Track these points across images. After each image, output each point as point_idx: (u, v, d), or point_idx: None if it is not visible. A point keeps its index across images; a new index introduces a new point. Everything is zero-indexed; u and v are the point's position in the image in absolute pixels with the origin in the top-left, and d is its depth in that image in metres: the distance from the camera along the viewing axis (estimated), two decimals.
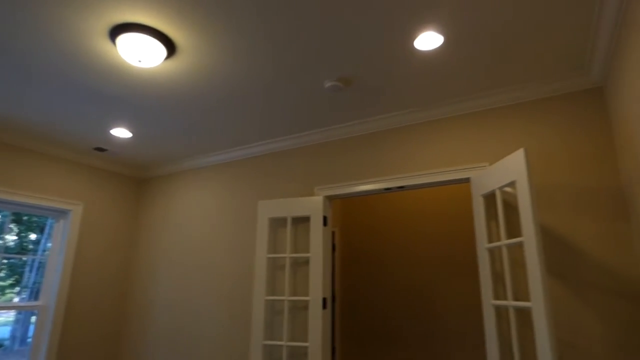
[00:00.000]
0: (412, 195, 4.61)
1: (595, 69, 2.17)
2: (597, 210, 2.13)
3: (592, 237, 2.12)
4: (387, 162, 2.83)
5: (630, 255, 2.01)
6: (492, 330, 2.12)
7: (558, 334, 2.09)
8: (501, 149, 2.46)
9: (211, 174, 3.72)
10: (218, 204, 3.58)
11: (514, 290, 2.19)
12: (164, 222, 3.90)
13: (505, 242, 2.04)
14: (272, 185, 3.32)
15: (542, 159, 2.33)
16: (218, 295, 3.32)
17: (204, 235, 3.57)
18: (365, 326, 4.52)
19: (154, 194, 4.10)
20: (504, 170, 2.08)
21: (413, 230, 4.51)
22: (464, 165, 2.54)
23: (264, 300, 2.85)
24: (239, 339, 3.11)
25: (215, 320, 3.28)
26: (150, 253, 3.89)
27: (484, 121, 2.55)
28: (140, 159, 3.87)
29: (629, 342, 1.94)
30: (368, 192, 2.86)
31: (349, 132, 3.03)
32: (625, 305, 1.98)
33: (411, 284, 4.37)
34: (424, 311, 4.24)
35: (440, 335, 4.11)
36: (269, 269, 3.06)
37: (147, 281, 3.82)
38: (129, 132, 3.19)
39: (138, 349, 3.66)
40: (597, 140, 2.21)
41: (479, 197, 2.33)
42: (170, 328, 3.51)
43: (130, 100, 2.65)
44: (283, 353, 2.73)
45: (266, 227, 2.99)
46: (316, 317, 2.68)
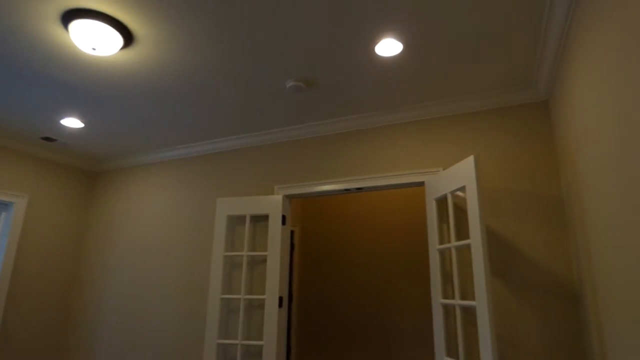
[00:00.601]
0: (370, 196, 4.72)
1: (541, 84, 2.33)
2: (539, 217, 2.28)
3: (532, 241, 2.26)
4: (346, 164, 2.88)
5: (565, 259, 2.18)
6: (440, 328, 2.22)
7: (498, 330, 2.22)
8: (455, 155, 2.58)
9: (169, 169, 3.62)
10: (175, 200, 3.49)
11: (461, 290, 2.30)
12: (117, 217, 3.75)
13: (454, 244, 2.15)
14: (232, 183, 3.28)
15: (491, 166, 2.46)
16: (173, 293, 3.24)
17: (159, 232, 3.47)
18: (322, 325, 4.57)
19: (107, 189, 3.93)
20: (455, 176, 2.18)
21: (371, 231, 4.61)
22: (419, 169, 2.64)
23: (220, 298, 2.82)
24: (194, 338, 3.05)
25: (169, 319, 3.20)
26: (102, 249, 3.73)
27: (439, 128, 2.66)
28: (93, 151, 3.71)
29: (561, 337, 2.10)
30: (327, 192, 2.90)
31: (309, 132, 3.05)
32: (559, 304, 2.14)
33: (368, 284, 4.47)
34: (379, 310, 4.35)
35: (394, 332, 4.23)
36: (225, 267, 3.03)
37: (97, 278, 3.66)
38: (80, 123, 3.04)
39: (86, 345, 3.50)
40: (542, 151, 2.37)
41: (432, 201, 2.43)
42: (121, 325, 3.39)
43: (83, 89, 2.53)
44: (237, 352, 2.72)
45: (224, 224, 2.95)
46: (272, 316, 2.69)
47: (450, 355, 2.24)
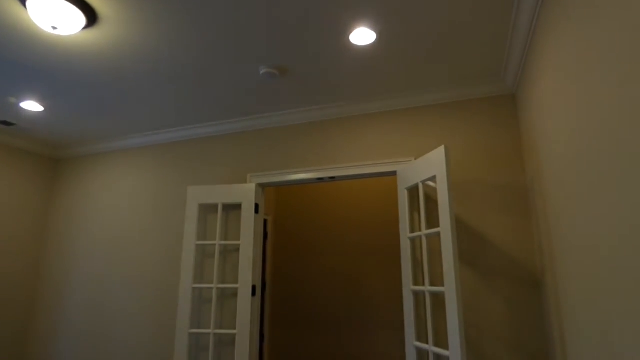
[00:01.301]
0: (343, 186, 4.75)
1: (509, 77, 2.39)
2: (505, 206, 2.37)
3: (499, 230, 2.35)
4: (319, 153, 2.88)
5: (529, 247, 2.28)
6: (410, 313, 2.29)
7: (465, 315, 2.31)
8: (426, 145, 2.62)
9: (137, 156, 3.50)
10: (144, 188, 3.39)
11: (430, 277, 2.37)
12: (83, 206, 3.61)
13: (425, 232, 2.20)
14: (203, 171, 3.21)
15: (461, 157, 2.53)
16: (142, 282, 3.17)
17: (127, 221, 3.37)
18: (295, 313, 4.61)
19: (72, 176, 3.76)
20: (426, 165, 2.22)
21: (344, 220, 4.65)
22: (391, 159, 2.67)
23: (192, 288, 2.78)
24: (165, 328, 3.01)
25: (138, 307, 3.13)
26: (68, 238, 3.59)
27: (411, 118, 2.70)
28: (55, 137, 3.53)
29: (524, 319, 2.20)
30: (301, 181, 2.89)
31: (283, 121, 3.02)
32: (523, 289, 2.24)
33: (341, 272, 4.52)
34: (352, 297, 4.42)
35: (366, 319, 4.32)
36: (197, 256, 2.98)
37: (63, 265, 3.53)
38: (40, 106, 2.88)
39: (52, 326, 3.38)
40: (509, 142, 2.45)
41: (404, 190, 2.47)
42: (89, 315, 3.29)
43: (42, 70, 2.40)
44: (210, 341, 2.70)
45: (196, 213, 2.90)
46: (245, 305, 2.68)
47: (420, 340, 2.32)
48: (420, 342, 2.28)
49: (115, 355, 3.11)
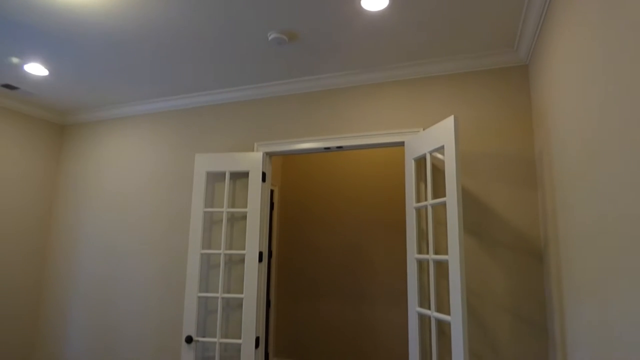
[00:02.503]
0: (349, 157, 4.76)
1: (522, 47, 2.34)
2: (512, 178, 2.38)
3: (504, 201, 2.38)
4: (327, 122, 2.87)
5: (534, 218, 2.31)
6: (414, 280, 2.35)
7: (468, 284, 2.37)
8: (435, 116, 2.61)
9: (145, 123, 3.50)
10: (151, 156, 3.40)
11: (435, 246, 2.42)
12: (90, 172, 3.64)
13: (430, 202, 2.22)
14: (211, 139, 3.22)
15: (470, 128, 2.52)
16: (151, 248, 3.24)
17: (135, 188, 3.41)
18: (300, 281, 4.73)
19: (78, 143, 3.77)
20: (435, 136, 2.22)
21: (350, 191, 4.69)
22: (399, 129, 2.66)
23: (200, 253, 2.84)
24: (174, 293, 3.10)
25: (148, 271, 3.22)
26: (75, 205, 3.64)
27: (421, 88, 2.67)
28: (61, 102, 3.51)
29: (525, 289, 2.26)
30: (308, 150, 2.90)
31: (291, 89, 3.00)
32: (526, 259, 2.29)
33: (346, 241, 4.60)
34: (356, 266, 4.52)
35: (370, 287, 4.43)
36: (205, 222, 3.03)
37: (69, 237, 3.60)
38: (44, 70, 2.85)
39: (63, 297, 3.50)
40: (519, 114, 2.43)
41: (411, 161, 2.48)
42: (98, 277, 3.39)
43: (46, 31, 2.36)
44: (218, 304, 2.79)
45: (203, 180, 2.93)
46: (252, 270, 2.75)
47: (422, 306, 2.39)
48: (423, 308, 2.36)
49: (125, 321, 3.22)
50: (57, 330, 3.45)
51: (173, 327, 3.05)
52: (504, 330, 2.27)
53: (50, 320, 3.51)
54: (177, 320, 3.04)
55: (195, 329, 2.76)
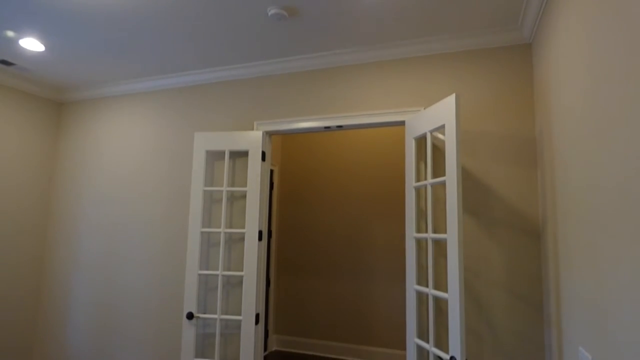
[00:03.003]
0: (350, 136, 4.74)
1: (526, 25, 2.31)
2: (512, 158, 2.38)
3: (504, 181, 2.38)
4: (327, 101, 2.85)
5: (533, 198, 2.32)
6: (412, 260, 2.37)
7: (466, 262, 2.40)
8: (436, 95, 2.59)
9: (143, 101, 3.47)
10: (151, 134, 3.39)
11: (433, 224, 2.44)
12: (89, 151, 3.62)
13: (430, 181, 2.23)
14: (210, 117, 3.20)
15: (471, 107, 2.50)
16: (151, 227, 3.26)
17: (134, 167, 3.40)
18: (299, 260, 4.77)
19: (76, 121, 3.74)
20: (435, 114, 2.21)
21: (348, 171, 4.69)
22: (400, 108, 2.64)
23: (200, 232, 2.86)
24: (175, 270, 3.13)
25: (149, 249, 3.24)
26: (75, 183, 3.64)
27: (422, 67, 2.64)
28: (58, 78, 3.47)
29: (523, 268, 2.29)
30: (308, 129, 2.89)
31: (291, 67, 2.96)
32: (523, 238, 2.31)
33: (345, 221, 4.63)
34: (355, 246, 4.56)
35: (368, 266, 4.48)
36: (205, 201, 3.04)
37: (69, 216, 3.61)
38: (40, 45, 2.81)
39: (64, 278, 3.54)
40: (521, 94, 2.41)
41: (412, 140, 2.47)
42: (100, 254, 3.42)
43: (41, 2, 2.31)
44: (218, 282, 2.82)
45: (203, 159, 2.92)
46: (252, 248, 2.78)
47: (420, 284, 2.43)
48: (420, 285, 2.39)
49: (127, 298, 3.26)
50: (59, 307, 3.50)
51: (174, 304, 3.09)
52: (500, 307, 2.31)
53: (52, 298, 3.55)
54: (179, 297, 3.08)
55: (196, 305, 2.80)
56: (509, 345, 2.27)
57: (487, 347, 2.31)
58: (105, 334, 3.30)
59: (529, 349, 2.23)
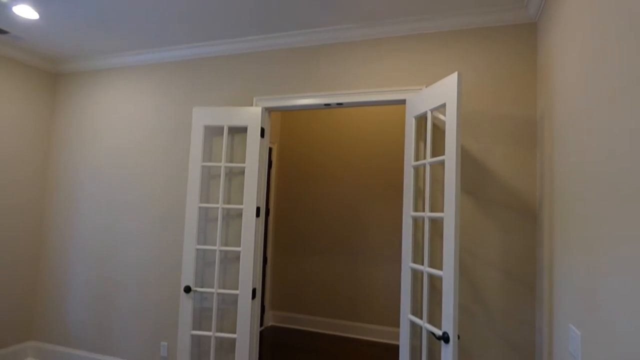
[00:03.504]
0: (350, 115, 4.70)
1: (532, 3, 2.26)
2: (512, 139, 2.38)
3: (503, 161, 2.38)
4: (328, 78, 2.81)
5: (531, 180, 2.32)
6: (408, 238, 2.39)
7: (462, 242, 2.42)
8: (438, 74, 2.56)
9: (141, 75, 3.41)
10: (149, 108, 3.35)
11: (431, 204, 2.45)
12: (85, 126, 3.58)
13: (429, 160, 2.23)
14: (209, 92, 3.15)
15: (473, 86, 2.48)
16: (150, 202, 3.26)
17: (132, 141, 3.38)
18: (297, 239, 4.81)
19: (72, 93, 3.69)
20: (437, 93, 2.19)
21: (348, 151, 4.68)
22: (401, 86, 2.61)
23: (198, 207, 2.87)
24: (173, 245, 3.15)
25: (146, 224, 3.25)
26: (72, 158, 3.61)
27: (425, 45, 2.59)
28: (53, 48, 3.40)
29: (518, 249, 2.32)
30: (307, 106, 2.86)
31: (291, 42, 2.90)
32: (520, 219, 2.33)
33: (343, 200, 4.65)
34: (352, 225, 4.59)
35: (365, 245, 4.53)
36: (203, 177, 3.04)
37: (67, 190, 3.60)
38: (35, 13, 2.73)
39: (62, 253, 3.56)
40: (524, 74, 2.39)
41: (412, 119, 2.45)
42: (99, 236, 3.43)
43: None
44: (216, 257, 2.85)
45: (201, 134, 2.90)
46: (249, 224, 2.79)
47: (415, 262, 2.45)
48: (416, 264, 2.42)
49: (126, 272, 3.29)
50: (58, 281, 3.54)
51: (172, 278, 3.13)
52: (494, 286, 2.34)
53: (51, 272, 3.58)
54: (177, 272, 3.12)
55: (194, 279, 2.83)
56: (501, 323, 2.31)
57: (479, 324, 2.36)
58: (104, 307, 3.34)
59: (519, 327, 2.28)
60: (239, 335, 2.74)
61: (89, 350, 3.35)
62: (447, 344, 1.95)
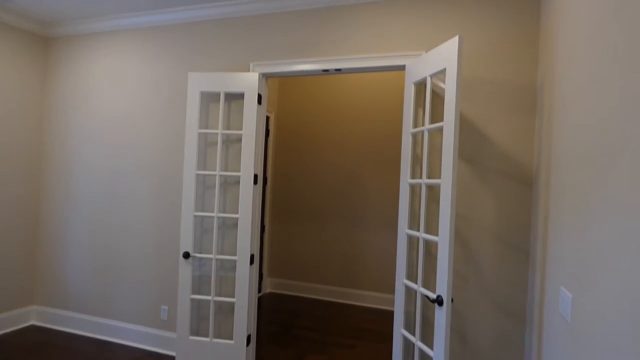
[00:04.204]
0: (347, 83, 4.64)
1: None
2: (511, 106, 2.35)
3: (502, 128, 2.37)
4: (326, 43, 2.74)
5: (529, 147, 2.32)
6: (405, 205, 2.41)
7: (458, 209, 2.44)
8: (439, 39, 2.50)
9: (135, 39, 3.32)
10: (144, 73, 3.28)
11: (428, 171, 2.45)
12: (79, 92, 3.52)
13: (427, 126, 2.21)
14: (205, 57, 3.09)
15: (474, 52, 2.43)
16: (148, 169, 3.25)
17: (130, 106, 3.33)
18: (294, 208, 4.84)
19: (65, 58, 3.60)
20: (437, 58, 2.14)
21: (345, 119, 4.64)
22: (401, 52, 2.56)
23: (195, 174, 2.86)
24: (172, 212, 3.17)
25: (146, 195, 3.26)
26: (65, 127, 3.57)
27: (426, 10, 2.52)
28: (44, 10, 3.29)
29: (513, 215, 2.34)
30: (305, 72, 2.81)
31: (289, 6, 2.82)
32: (517, 186, 2.34)
33: (340, 169, 4.65)
34: (349, 193, 4.61)
35: (361, 213, 4.57)
36: (200, 144, 3.02)
37: (63, 157, 3.58)
38: None
39: (61, 219, 3.58)
40: (526, 40, 2.33)
41: (411, 85, 2.42)
42: (97, 203, 3.44)
43: None
44: (214, 224, 2.87)
45: (197, 101, 2.86)
46: (247, 191, 2.80)
47: (411, 229, 2.48)
48: (412, 229, 2.45)
49: (125, 238, 3.32)
50: (58, 249, 3.57)
51: (171, 244, 3.16)
52: (488, 252, 2.38)
53: (50, 240, 3.61)
54: (175, 238, 3.15)
55: (192, 246, 2.86)
56: (494, 287, 2.37)
57: (473, 288, 2.41)
58: (105, 272, 3.39)
59: (512, 291, 2.33)
60: (238, 299, 2.80)
61: (91, 314, 3.43)
62: (440, 307, 2.00)
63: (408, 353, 2.51)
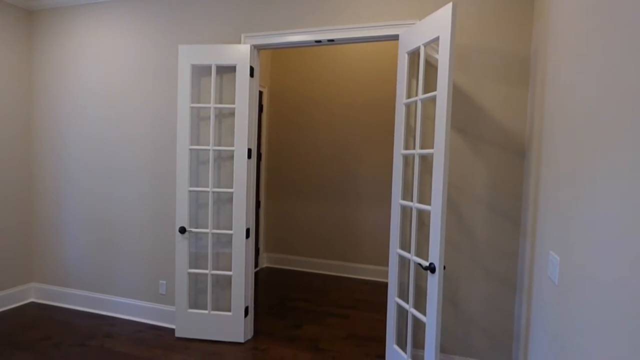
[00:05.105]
0: (340, 54, 4.58)
1: None
2: (504, 75, 2.34)
3: (494, 98, 2.37)
4: (318, 13, 2.69)
5: (522, 117, 2.32)
6: (399, 176, 2.43)
7: (450, 179, 2.46)
8: (433, 9, 2.46)
9: (121, 10, 3.23)
10: (133, 46, 3.21)
11: (421, 141, 2.46)
12: (67, 66, 3.45)
13: (421, 96, 2.20)
14: (195, 29, 3.02)
15: (468, 21, 2.40)
16: (141, 144, 3.23)
17: (120, 80, 3.27)
18: (289, 183, 4.86)
19: (50, 31, 3.50)
20: (430, 26, 2.12)
21: (339, 95, 4.61)
22: (395, 21, 2.52)
23: (188, 149, 2.85)
24: (166, 186, 3.17)
25: (140, 170, 3.25)
26: (55, 102, 3.51)
27: None
28: None
29: (505, 185, 2.37)
30: (298, 43, 2.76)
31: None
32: (509, 156, 2.36)
33: (334, 144, 4.65)
34: (343, 168, 4.63)
35: (355, 188, 4.60)
36: (193, 119, 2.99)
37: (55, 131, 3.53)
38: None
39: (56, 192, 3.57)
40: (520, 9, 2.30)
41: (404, 54, 2.39)
42: (92, 176, 3.42)
43: None
44: (209, 198, 2.88)
45: (188, 74, 2.82)
46: (241, 166, 2.79)
47: (405, 199, 2.51)
48: (406, 200, 2.48)
49: (120, 212, 3.33)
50: (54, 222, 3.58)
51: (167, 219, 3.18)
52: (480, 221, 2.42)
53: (46, 214, 3.61)
54: (171, 213, 3.16)
55: (188, 220, 2.88)
56: (485, 254, 2.42)
57: (465, 256, 2.46)
58: (102, 248, 3.42)
59: (503, 258, 2.39)
60: (235, 271, 2.84)
61: (90, 290, 3.47)
62: (433, 274, 2.04)
63: (402, 320, 2.58)
